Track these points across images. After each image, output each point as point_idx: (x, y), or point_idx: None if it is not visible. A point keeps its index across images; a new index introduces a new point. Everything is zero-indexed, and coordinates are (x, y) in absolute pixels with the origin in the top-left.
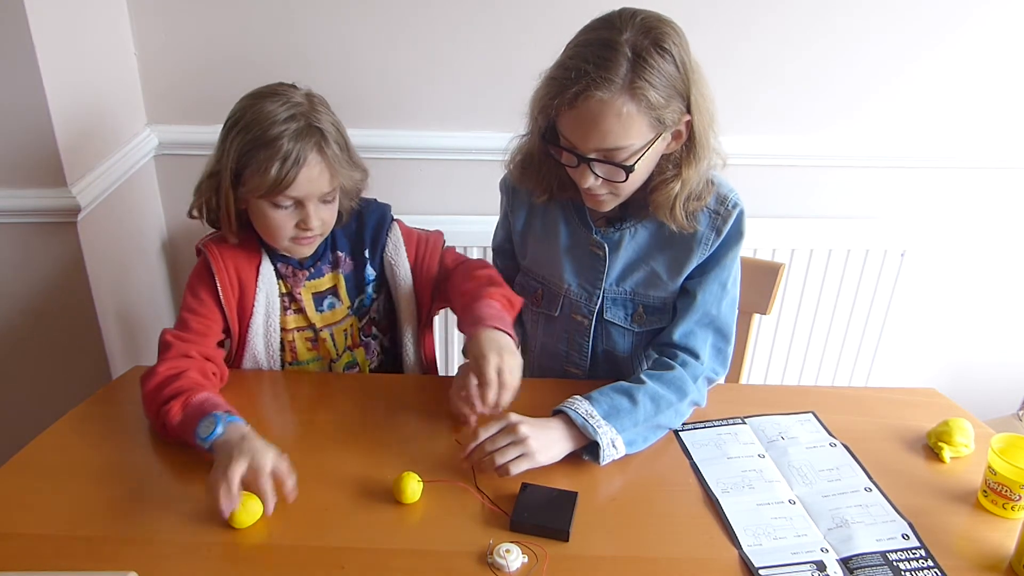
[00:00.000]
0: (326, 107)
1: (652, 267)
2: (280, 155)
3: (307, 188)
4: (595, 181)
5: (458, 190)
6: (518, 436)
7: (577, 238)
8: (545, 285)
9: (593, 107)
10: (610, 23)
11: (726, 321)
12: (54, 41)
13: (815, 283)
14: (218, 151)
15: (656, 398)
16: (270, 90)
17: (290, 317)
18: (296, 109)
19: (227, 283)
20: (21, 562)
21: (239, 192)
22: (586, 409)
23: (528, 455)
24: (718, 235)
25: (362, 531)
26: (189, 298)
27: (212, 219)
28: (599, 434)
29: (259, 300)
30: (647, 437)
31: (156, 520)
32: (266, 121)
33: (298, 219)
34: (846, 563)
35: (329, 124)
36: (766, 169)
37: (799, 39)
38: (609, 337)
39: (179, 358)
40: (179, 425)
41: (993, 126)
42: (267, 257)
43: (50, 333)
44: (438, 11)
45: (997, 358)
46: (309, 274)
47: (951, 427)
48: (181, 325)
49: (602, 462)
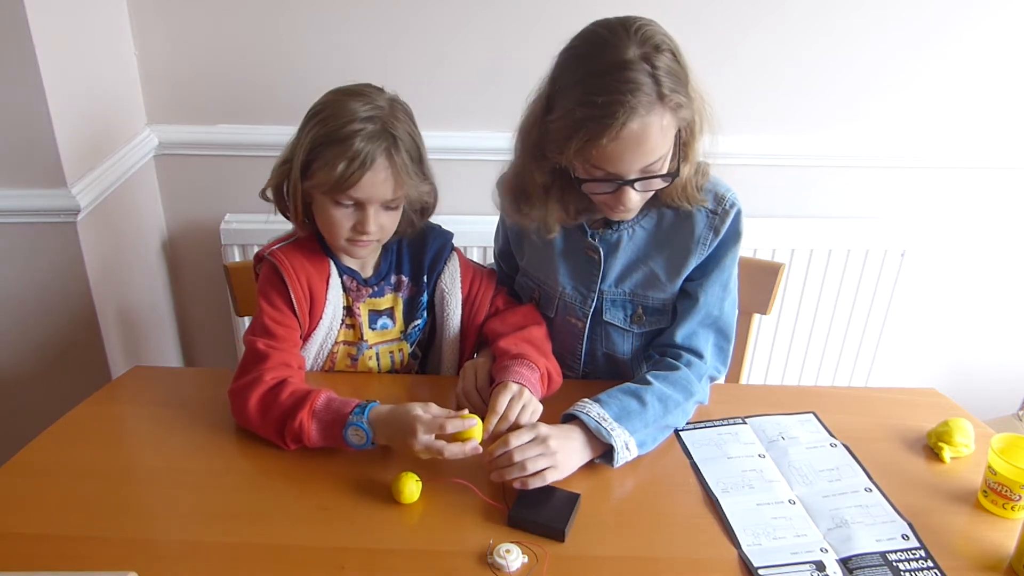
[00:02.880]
0: (407, 115)
1: (651, 268)
2: (349, 154)
3: (370, 191)
4: (638, 198)
5: (458, 190)
6: (549, 449)
7: (572, 241)
8: (541, 287)
9: (637, 131)
10: (608, 43)
11: (728, 321)
12: (54, 41)
13: (815, 283)
14: (295, 139)
15: (664, 399)
16: (357, 89)
17: (344, 330)
18: (376, 112)
19: (300, 294)
20: (21, 562)
21: (305, 185)
22: (598, 412)
23: (557, 467)
24: (716, 235)
25: (362, 531)
26: (267, 307)
27: (281, 205)
28: (613, 437)
29: (327, 312)
30: (656, 437)
31: (156, 520)
32: (344, 118)
33: (356, 221)
34: (845, 563)
35: (405, 132)
36: (766, 169)
37: (799, 39)
38: (609, 339)
39: (280, 367)
40: (319, 434)
41: (993, 126)
42: (335, 269)
43: (50, 333)
44: (438, 11)
45: (997, 358)
46: (372, 291)
47: (951, 427)
48: (266, 334)
49: (616, 464)
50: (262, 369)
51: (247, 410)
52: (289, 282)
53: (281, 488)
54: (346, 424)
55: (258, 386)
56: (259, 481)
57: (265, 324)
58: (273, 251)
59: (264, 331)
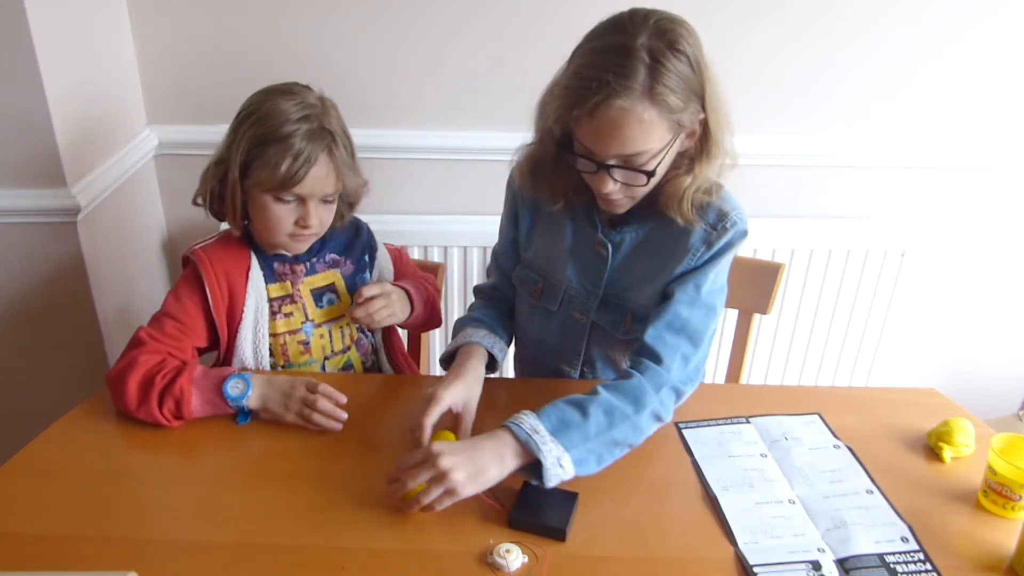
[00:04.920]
0: (337, 112)
1: (643, 274)
2: (292, 152)
3: (312, 187)
4: (614, 186)
5: (457, 190)
6: (438, 470)
7: (582, 236)
8: (546, 279)
9: (614, 115)
10: (622, 27)
11: (696, 328)
12: (54, 41)
13: (815, 283)
14: (227, 140)
15: (610, 410)
16: (285, 88)
17: (280, 322)
18: (310, 110)
19: (217, 292)
20: (21, 562)
21: (244, 184)
22: (531, 424)
23: (452, 491)
24: (708, 249)
25: (362, 531)
26: (171, 302)
27: (215, 209)
28: (543, 452)
29: (248, 305)
30: (601, 456)
31: (156, 520)
32: (280, 117)
33: (298, 216)
34: (843, 564)
35: (339, 128)
36: (766, 169)
37: (799, 39)
38: (601, 341)
39: (155, 354)
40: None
41: (993, 126)
42: (256, 261)
43: (50, 333)
44: (438, 11)
45: (997, 358)
46: (305, 269)
47: (951, 427)
48: (156, 326)
49: (547, 483)
50: (136, 353)
51: (126, 394)
52: (208, 283)
53: (281, 488)
54: (227, 378)
55: (135, 368)
56: (259, 481)
57: (159, 318)
58: (195, 249)
59: (155, 323)
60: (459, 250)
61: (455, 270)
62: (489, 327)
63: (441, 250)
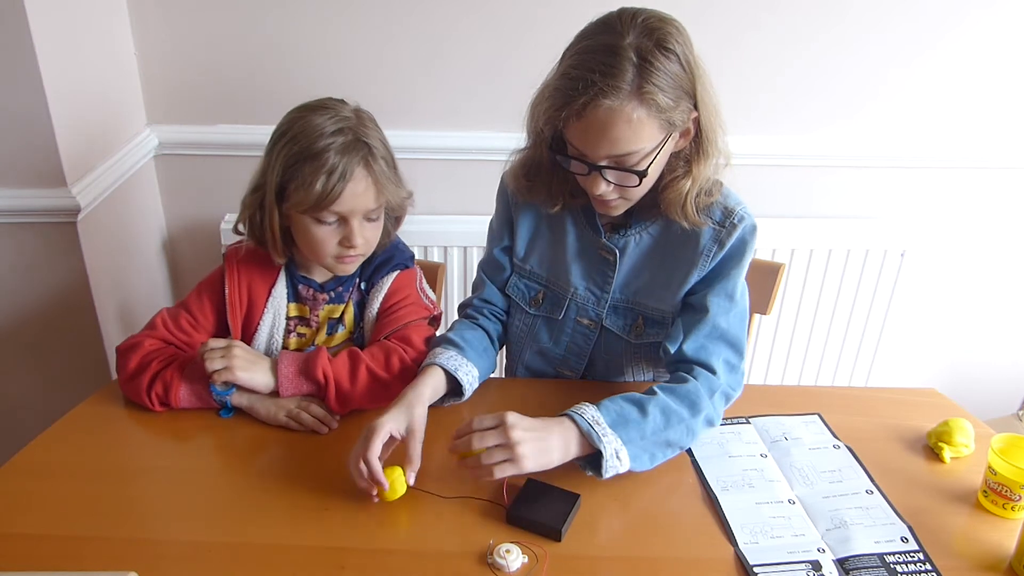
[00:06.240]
0: (374, 123)
1: (654, 277)
2: (326, 168)
3: (352, 204)
4: (607, 188)
5: (457, 190)
6: (508, 440)
7: (586, 242)
8: (548, 287)
9: (602, 116)
10: (610, 27)
11: (736, 334)
12: (54, 41)
13: (815, 283)
14: (263, 164)
15: (667, 411)
16: (318, 103)
17: (292, 339)
18: (344, 123)
19: (236, 299)
20: (21, 562)
21: (283, 207)
22: (592, 415)
23: (513, 461)
24: (720, 248)
25: (362, 531)
26: (193, 296)
27: (257, 236)
28: (603, 443)
29: (265, 320)
30: (654, 455)
31: (156, 520)
32: (313, 134)
33: (341, 236)
34: (842, 564)
35: (377, 140)
36: (766, 169)
37: (799, 39)
38: (607, 345)
39: (161, 340)
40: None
41: (993, 126)
42: (284, 278)
43: (50, 333)
44: (436, 11)
45: (997, 358)
46: (329, 298)
47: (951, 427)
48: (173, 315)
49: (604, 474)
50: (145, 334)
51: (126, 368)
52: (228, 290)
53: (281, 488)
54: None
55: (139, 348)
56: (259, 481)
57: (178, 308)
58: (232, 248)
59: (174, 311)
60: (459, 250)
61: (455, 270)
62: (459, 348)
63: (441, 250)
